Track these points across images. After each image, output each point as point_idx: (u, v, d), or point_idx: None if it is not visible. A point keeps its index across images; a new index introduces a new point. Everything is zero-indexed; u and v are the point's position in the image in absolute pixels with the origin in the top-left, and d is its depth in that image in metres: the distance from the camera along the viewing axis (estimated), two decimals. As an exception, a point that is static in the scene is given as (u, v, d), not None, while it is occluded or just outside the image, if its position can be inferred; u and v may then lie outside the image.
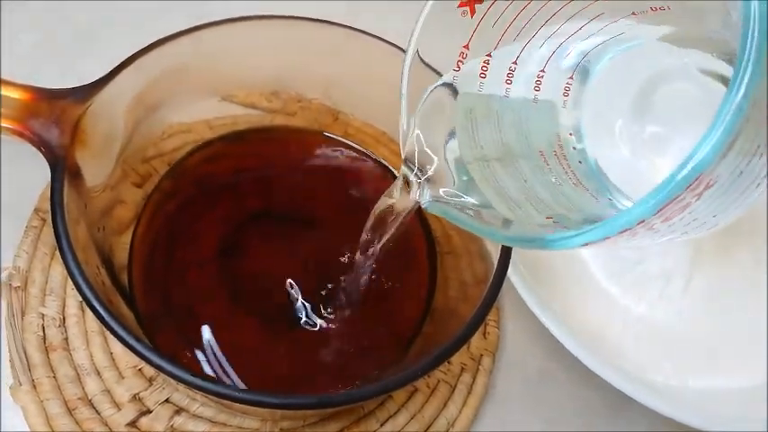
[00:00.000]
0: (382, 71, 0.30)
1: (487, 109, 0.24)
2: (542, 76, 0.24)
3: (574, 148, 0.24)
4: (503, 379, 0.34)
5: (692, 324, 0.34)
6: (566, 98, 0.25)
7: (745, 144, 0.15)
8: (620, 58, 0.24)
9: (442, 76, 0.24)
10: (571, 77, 0.24)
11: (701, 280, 0.35)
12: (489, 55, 0.23)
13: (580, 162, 0.24)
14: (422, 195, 0.24)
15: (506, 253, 0.25)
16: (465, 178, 0.24)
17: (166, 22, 0.28)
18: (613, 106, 0.26)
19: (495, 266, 0.25)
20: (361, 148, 0.33)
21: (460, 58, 0.23)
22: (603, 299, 0.35)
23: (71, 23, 0.41)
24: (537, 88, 0.24)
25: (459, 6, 0.22)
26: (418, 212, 0.31)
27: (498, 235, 0.22)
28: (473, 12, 0.22)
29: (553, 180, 0.24)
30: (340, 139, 0.33)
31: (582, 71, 0.24)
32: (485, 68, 0.24)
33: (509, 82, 0.24)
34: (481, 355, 0.33)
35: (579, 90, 0.25)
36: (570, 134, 0.25)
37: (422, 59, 0.23)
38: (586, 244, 0.18)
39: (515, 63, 0.24)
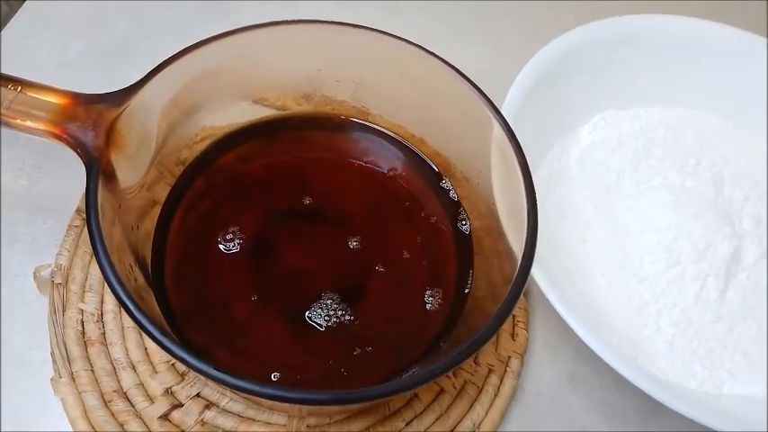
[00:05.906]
0: (410, 73, 0.30)
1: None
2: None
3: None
4: (531, 382, 0.33)
5: (728, 329, 0.33)
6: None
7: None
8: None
9: None
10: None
11: (737, 284, 0.34)
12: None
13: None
14: None
15: (531, 250, 0.24)
16: None
17: (203, 29, 0.28)
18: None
19: (519, 263, 0.24)
20: (396, 137, 0.33)
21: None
22: (636, 302, 0.34)
23: (113, 32, 0.43)
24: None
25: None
26: (453, 213, 0.31)
27: None
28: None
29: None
30: (376, 127, 0.33)
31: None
32: None
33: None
34: (509, 357, 0.33)
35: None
36: None
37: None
38: None
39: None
